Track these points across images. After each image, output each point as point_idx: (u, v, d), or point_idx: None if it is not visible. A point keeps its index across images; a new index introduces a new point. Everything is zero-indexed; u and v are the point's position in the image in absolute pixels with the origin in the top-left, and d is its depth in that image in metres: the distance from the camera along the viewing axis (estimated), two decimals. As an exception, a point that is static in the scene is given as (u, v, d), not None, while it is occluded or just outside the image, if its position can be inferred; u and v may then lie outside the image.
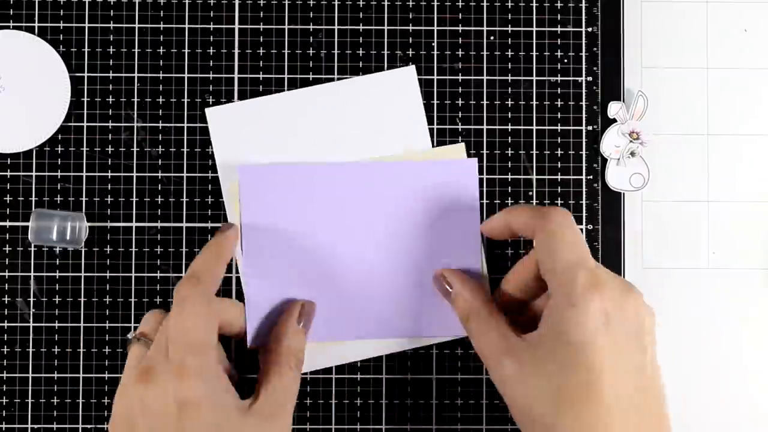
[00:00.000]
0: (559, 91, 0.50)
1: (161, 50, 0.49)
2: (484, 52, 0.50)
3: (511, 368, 0.39)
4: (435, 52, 0.50)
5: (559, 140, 0.50)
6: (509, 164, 0.49)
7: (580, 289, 0.38)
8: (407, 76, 0.49)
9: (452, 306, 0.45)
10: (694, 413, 0.50)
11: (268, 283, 0.48)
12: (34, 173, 0.49)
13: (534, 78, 0.50)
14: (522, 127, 0.50)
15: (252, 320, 0.47)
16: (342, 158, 0.49)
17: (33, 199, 0.49)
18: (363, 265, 0.48)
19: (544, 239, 0.40)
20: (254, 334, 0.47)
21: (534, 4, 0.50)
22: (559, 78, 0.50)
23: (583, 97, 0.50)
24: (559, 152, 0.50)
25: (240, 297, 0.48)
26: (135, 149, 0.49)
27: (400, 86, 0.49)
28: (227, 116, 0.49)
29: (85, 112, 0.49)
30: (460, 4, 0.50)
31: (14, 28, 0.49)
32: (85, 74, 0.49)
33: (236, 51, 0.49)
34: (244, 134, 0.49)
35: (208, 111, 0.49)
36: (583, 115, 0.50)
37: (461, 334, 0.48)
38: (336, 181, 0.48)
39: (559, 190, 0.49)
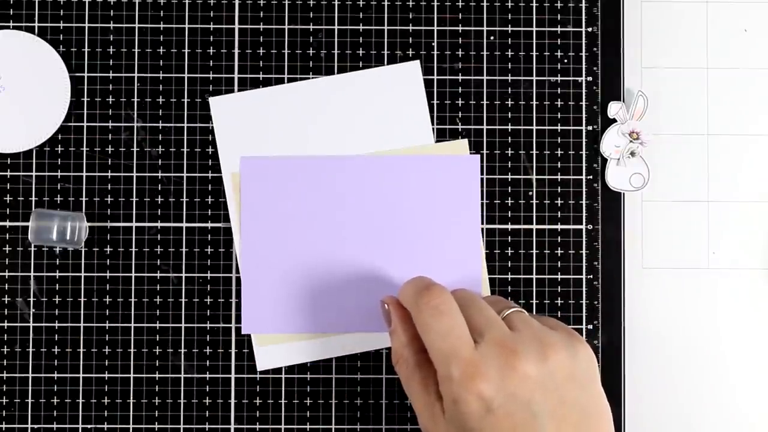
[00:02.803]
0: (559, 91, 0.50)
1: (161, 50, 0.49)
2: (484, 52, 0.50)
3: (428, 423, 0.40)
4: (435, 52, 0.50)
5: (559, 140, 0.50)
6: (509, 164, 0.49)
7: (455, 387, 0.37)
8: (411, 70, 0.49)
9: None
10: (693, 413, 0.50)
11: (266, 273, 0.48)
12: (34, 173, 0.49)
13: (534, 78, 0.50)
14: (522, 127, 0.50)
15: (248, 309, 0.48)
16: (344, 151, 0.49)
17: (33, 199, 0.49)
18: (362, 258, 0.48)
19: (419, 329, 0.40)
20: (249, 322, 0.48)
21: (534, 4, 0.50)
22: (559, 78, 0.50)
23: (583, 97, 0.50)
24: (559, 152, 0.50)
25: (240, 297, 0.48)
26: (135, 149, 0.49)
27: (404, 81, 0.49)
28: (230, 106, 0.49)
29: (85, 112, 0.49)
30: (460, 4, 0.50)
31: (14, 28, 0.49)
32: (85, 74, 0.49)
33: (236, 51, 0.49)
34: (247, 124, 0.49)
35: (211, 100, 0.49)
36: (583, 115, 0.50)
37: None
38: (337, 174, 0.48)
39: (559, 190, 0.49)
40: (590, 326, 0.49)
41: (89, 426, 0.48)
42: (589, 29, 0.50)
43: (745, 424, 0.50)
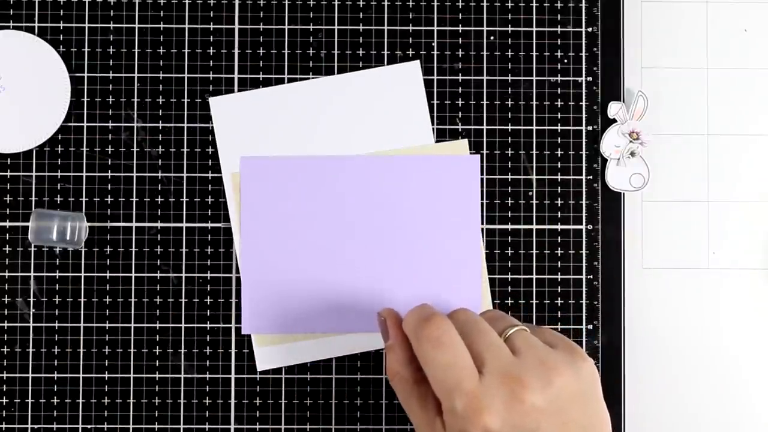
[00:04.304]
0: (559, 91, 0.50)
1: (161, 50, 0.49)
2: (484, 52, 0.50)
3: None
4: (435, 52, 0.50)
5: (559, 140, 0.50)
6: (509, 164, 0.49)
7: (460, 420, 0.36)
8: (411, 70, 0.49)
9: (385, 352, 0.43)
10: (693, 413, 0.50)
11: (266, 273, 0.48)
12: (34, 173, 0.49)
13: (534, 78, 0.50)
14: (522, 127, 0.50)
15: (248, 309, 0.48)
16: (344, 151, 0.49)
17: (33, 199, 0.49)
18: (362, 258, 0.48)
19: (420, 360, 0.39)
20: (249, 322, 0.48)
21: (534, 4, 0.50)
22: (559, 78, 0.50)
23: (583, 97, 0.50)
24: (559, 152, 0.50)
25: (240, 297, 0.48)
26: (135, 149, 0.49)
27: (404, 81, 0.49)
28: (230, 106, 0.49)
29: (85, 112, 0.49)
30: (460, 4, 0.50)
31: (14, 28, 0.49)
32: (85, 74, 0.49)
33: (236, 51, 0.49)
34: (247, 124, 0.49)
35: (211, 100, 0.49)
36: (583, 115, 0.50)
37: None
38: (337, 174, 0.48)
39: (559, 190, 0.49)
40: (590, 326, 0.49)
41: (89, 426, 0.48)
42: (589, 29, 0.50)
43: (744, 424, 0.50)
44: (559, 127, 0.50)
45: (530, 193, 0.50)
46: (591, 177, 0.50)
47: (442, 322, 0.39)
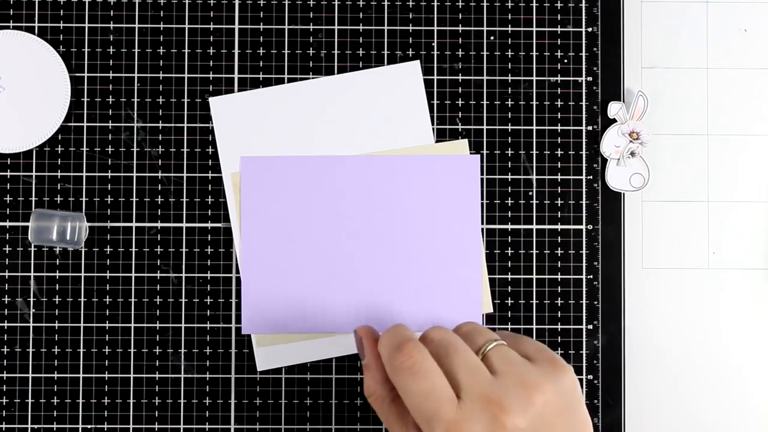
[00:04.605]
0: (559, 91, 0.50)
1: (161, 50, 0.49)
2: (484, 52, 0.50)
3: None
4: (435, 52, 0.50)
5: (559, 140, 0.50)
6: (509, 164, 0.49)
7: None
8: (412, 70, 0.49)
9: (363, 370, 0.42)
10: (693, 413, 0.50)
11: (266, 273, 0.48)
12: (34, 173, 0.49)
13: (534, 78, 0.50)
14: (522, 127, 0.50)
15: (248, 309, 0.48)
16: (344, 151, 0.49)
17: (33, 199, 0.49)
18: (361, 257, 0.48)
19: (397, 388, 0.38)
20: (249, 322, 0.48)
21: (534, 4, 0.50)
22: (559, 78, 0.50)
23: (583, 97, 0.50)
24: (559, 152, 0.50)
25: (240, 297, 0.48)
26: (135, 149, 0.49)
27: (404, 81, 0.49)
28: (230, 106, 0.49)
29: (85, 112, 0.49)
30: (460, 4, 0.50)
31: (14, 28, 0.49)
32: (85, 74, 0.49)
33: (236, 51, 0.49)
34: (247, 124, 0.49)
35: (211, 100, 0.49)
36: (583, 115, 0.50)
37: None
38: (337, 174, 0.48)
39: (559, 190, 0.49)
40: (590, 326, 0.49)
41: (89, 426, 0.48)
42: (589, 29, 0.50)
43: (744, 424, 0.50)
44: (559, 127, 0.50)
45: (530, 193, 0.50)
46: (591, 177, 0.50)
47: (414, 350, 0.38)
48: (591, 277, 0.49)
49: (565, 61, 0.50)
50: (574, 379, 0.38)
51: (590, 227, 0.50)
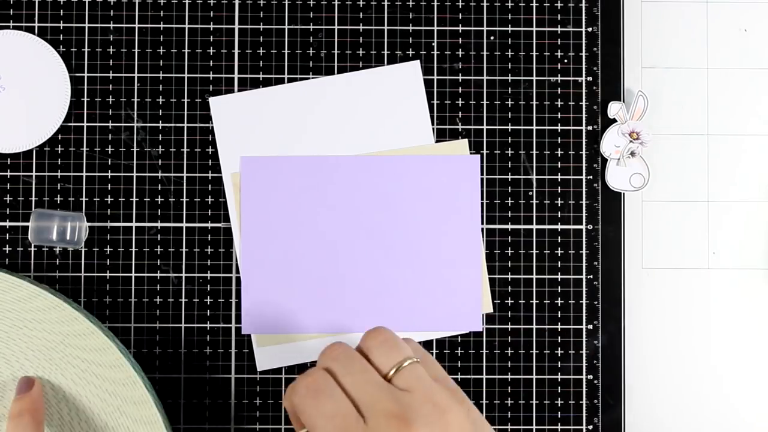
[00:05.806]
0: (559, 91, 0.50)
1: (161, 50, 0.49)
2: (484, 52, 0.50)
3: None
4: (435, 52, 0.50)
5: (559, 140, 0.50)
6: (509, 164, 0.49)
7: None
8: (412, 70, 0.49)
9: None
10: (693, 413, 0.50)
11: (266, 273, 0.48)
12: (34, 173, 0.49)
13: (534, 78, 0.50)
14: (522, 127, 0.50)
15: (248, 308, 0.48)
16: (344, 151, 0.49)
17: (33, 199, 0.49)
18: (362, 258, 0.48)
19: (303, 418, 0.37)
20: (249, 322, 0.48)
21: (534, 4, 0.50)
22: (559, 78, 0.50)
23: (583, 97, 0.50)
24: (559, 152, 0.50)
25: (240, 297, 0.48)
26: (135, 149, 0.49)
27: (404, 81, 0.49)
28: (230, 106, 0.49)
29: (85, 112, 0.49)
30: (460, 4, 0.50)
31: (14, 28, 0.49)
32: (85, 74, 0.49)
33: (236, 51, 0.49)
34: (247, 124, 0.49)
35: (211, 100, 0.49)
36: (583, 115, 0.50)
37: (462, 330, 0.48)
38: (337, 174, 0.48)
39: (559, 190, 0.50)
40: (590, 326, 0.49)
41: (89, 426, 0.48)
42: (589, 29, 0.50)
43: (744, 424, 0.50)
44: (559, 127, 0.50)
45: (530, 193, 0.50)
46: (591, 177, 0.50)
47: (314, 371, 0.37)
48: (591, 277, 0.49)
49: (565, 61, 0.50)
50: (478, 412, 0.37)
51: (590, 227, 0.50)
